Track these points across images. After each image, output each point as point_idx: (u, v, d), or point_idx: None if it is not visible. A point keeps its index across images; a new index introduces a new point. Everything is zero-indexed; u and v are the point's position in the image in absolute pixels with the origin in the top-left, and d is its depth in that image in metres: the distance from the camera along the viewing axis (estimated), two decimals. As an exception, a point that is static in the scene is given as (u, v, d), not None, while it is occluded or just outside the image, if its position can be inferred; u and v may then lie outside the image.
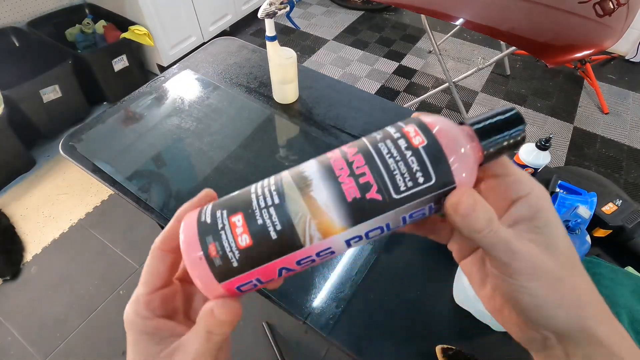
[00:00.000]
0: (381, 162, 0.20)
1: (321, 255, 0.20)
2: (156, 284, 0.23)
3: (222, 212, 0.20)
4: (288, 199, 0.20)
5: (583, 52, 1.16)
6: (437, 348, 0.56)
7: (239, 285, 0.20)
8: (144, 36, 1.94)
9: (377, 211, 0.19)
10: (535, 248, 0.19)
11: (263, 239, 0.19)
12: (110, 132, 0.89)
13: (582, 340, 0.19)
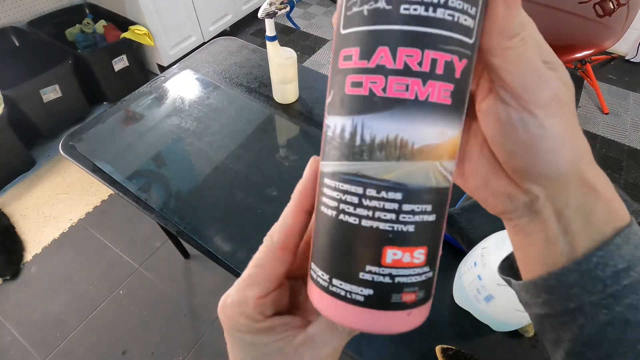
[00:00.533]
0: None
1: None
2: (270, 287, 0.19)
3: (367, 268, 0.16)
4: (407, 179, 0.16)
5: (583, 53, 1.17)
6: (437, 348, 0.56)
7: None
8: (144, 36, 1.94)
9: (469, 76, 0.16)
10: (556, 77, 0.16)
11: (430, 231, 0.17)
12: (110, 132, 0.89)
13: (577, 190, 0.18)
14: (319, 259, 0.17)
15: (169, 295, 1.39)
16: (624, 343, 0.18)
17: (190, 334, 1.30)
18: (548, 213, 0.19)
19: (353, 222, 0.15)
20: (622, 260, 0.18)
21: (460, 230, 0.64)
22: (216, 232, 0.70)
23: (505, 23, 0.15)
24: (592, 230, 0.18)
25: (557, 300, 0.19)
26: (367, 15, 0.14)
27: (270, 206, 0.74)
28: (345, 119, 0.15)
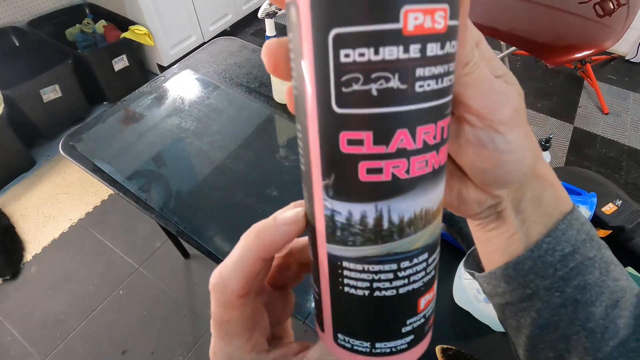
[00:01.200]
0: None
1: None
2: (251, 328, 0.18)
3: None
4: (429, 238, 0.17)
5: (583, 53, 1.17)
6: (437, 348, 0.56)
7: None
8: (144, 36, 1.94)
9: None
10: (510, 88, 0.17)
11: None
12: (110, 131, 0.89)
13: (531, 183, 0.20)
14: (352, 332, 0.17)
15: (169, 295, 1.39)
16: (575, 322, 0.20)
17: (190, 333, 1.30)
18: (509, 209, 0.20)
19: (391, 295, 0.15)
20: (568, 244, 0.20)
21: (460, 230, 0.64)
22: (216, 232, 0.70)
23: (458, 54, 0.15)
24: (543, 215, 0.20)
25: (515, 288, 0.21)
26: (377, 96, 0.13)
27: (270, 206, 0.74)
28: (366, 206, 0.14)
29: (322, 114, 0.14)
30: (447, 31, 0.13)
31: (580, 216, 0.21)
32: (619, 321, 0.20)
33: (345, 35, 0.12)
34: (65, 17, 1.99)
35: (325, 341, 0.18)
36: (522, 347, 0.22)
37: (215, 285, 0.17)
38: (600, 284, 0.20)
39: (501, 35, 1.22)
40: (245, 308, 0.17)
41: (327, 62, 0.13)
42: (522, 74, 2.31)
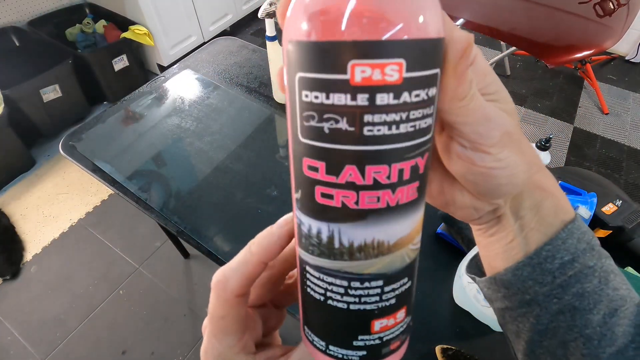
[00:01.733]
0: None
1: None
2: (243, 329, 0.19)
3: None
4: (390, 269, 0.18)
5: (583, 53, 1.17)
6: (437, 348, 0.56)
7: None
8: (144, 36, 1.94)
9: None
10: (501, 113, 0.18)
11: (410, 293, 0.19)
12: (111, 131, 0.89)
13: (530, 193, 0.20)
14: (313, 327, 0.18)
15: (169, 295, 1.39)
16: (573, 329, 0.20)
17: (190, 333, 1.30)
18: (508, 215, 0.21)
19: (342, 307, 0.17)
20: (567, 252, 0.20)
21: (460, 230, 0.64)
22: (216, 232, 0.70)
23: (457, 91, 0.16)
24: (543, 224, 0.20)
25: (514, 293, 0.21)
26: (328, 134, 0.14)
27: (270, 206, 0.74)
28: (320, 224, 0.16)
29: (293, 140, 0.16)
30: (403, 83, 0.13)
31: (582, 225, 0.21)
32: (617, 329, 0.20)
33: (306, 79, 0.14)
34: (65, 17, 1.99)
35: (301, 330, 0.20)
36: (521, 352, 0.23)
37: (217, 283, 0.18)
38: (599, 292, 0.20)
39: (501, 36, 1.22)
40: (241, 308, 0.19)
41: (295, 99, 0.15)
42: (522, 74, 2.31)
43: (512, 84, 2.25)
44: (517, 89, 2.22)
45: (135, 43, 1.99)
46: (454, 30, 0.16)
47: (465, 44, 0.16)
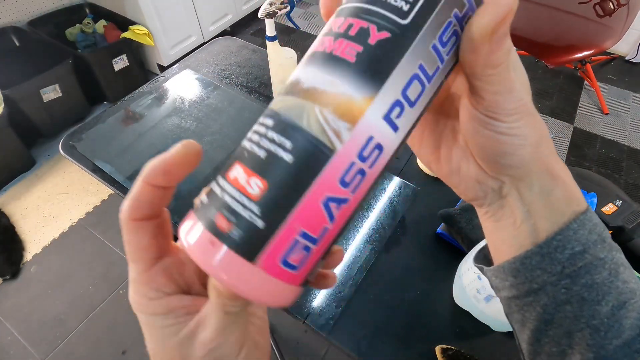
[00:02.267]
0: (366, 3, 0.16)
1: (367, 157, 0.15)
2: (148, 258, 0.19)
3: (218, 179, 0.16)
4: (284, 110, 0.15)
5: (583, 53, 1.17)
6: (436, 348, 0.56)
7: (285, 255, 0.15)
8: (144, 36, 1.94)
9: (396, 52, 0.15)
10: (521, 86, 0.18)
11: (278, 170, 0.14)
12: (111, 131, 0.89)
13: (539, 177, 0.20)
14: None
15: (169, 295, 1.39)
16: (580, 319, 0.20)
17: (190, 333, 1.30)
18: (514, 197, 0.21)
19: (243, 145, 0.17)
20: (578, 243, 0.20)
21: (460, 230, 0.64)
22: (216, 232, 0.70)
23: (490, 58, 0.16)
24: (553, 211, 0.20)
25: (522, 282, 0.21)
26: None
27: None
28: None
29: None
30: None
31: (594, 217, 0.20)
32: (625, 322, 0.20)
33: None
34: (65, 17, 1.99)
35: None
36: (525, 342, 0.23)
37: (120, 210, 0.18)
38: (609, 284, 0.20)
39: (501, 36, 1.22)
40: (140, 235, 0.18)
41: None
42: (522, 74, 2.31)
43: (512, 84, 2.25)
44: (517, 89, 2.22)
45: (135, 43, 1.99)
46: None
47: (508, 9, 0.15)
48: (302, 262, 0.15)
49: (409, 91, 0.15)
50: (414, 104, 0.16)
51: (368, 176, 0.15)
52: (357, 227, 0.71)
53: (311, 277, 0.17)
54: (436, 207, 0.72)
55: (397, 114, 0.15)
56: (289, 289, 0.16)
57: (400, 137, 0.16)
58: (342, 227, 0.16)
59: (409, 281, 0.64)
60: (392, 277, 0.65)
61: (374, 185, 0.16)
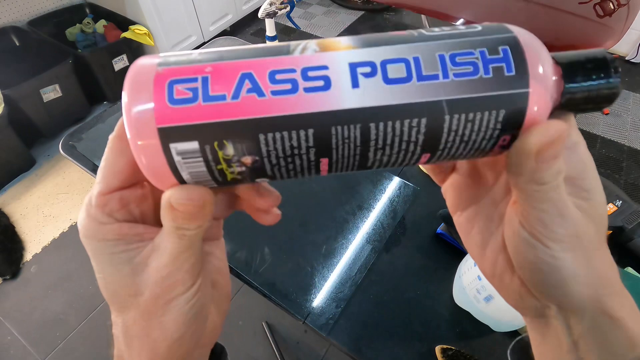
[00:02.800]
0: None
1: (308, 79, 0.14)
2: (113, 183, 0.18)
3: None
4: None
5: (583, 53, 1.16)
6: (436, 348, 0.56)
7: (173, 83, 0.14)
8: (144, 36, 1.94)
9: (399, 40, 0.15)
10: (581, 216, 0.16)
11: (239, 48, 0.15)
12: (111, 131, 0.89)
13: (592, 315, 0.17)
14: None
15: (169, 295, 1.39)
16: None
17: (190, 333, 1.30)
18: (560, 325, 0.18)
19: None
20: None
21: (460, 231, 0.64)
22: (216, 232, 0.70)
23: (535, 175, 0.15)
24: (609, 354, 0.17)
25: None
26: None
27: (270, 206, 0.73)
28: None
29: None
30: None
31: None
32: None
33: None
34: (65, 16, 1.99)
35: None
36: None
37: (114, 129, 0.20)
38: None
39: (501, 36, 1.22)
40: (119, 157, 0.19)
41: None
42: (522, 74, 2.32)
43: (512, 84, 2.25)
44: (517, 89, 2.22)
45: (135, 43, 1.99)
46: (549, 121, 0.15)
47: (556, 136, 0.14)
48: (181, 102, 0.14)
49: (390, 66, 0.14)
50: (387, 75, 0.14)
51: (298, 91, 0.14)
52: (357, 227, 0.71)
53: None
54: (436, 207, 0.72)
55: (364, 70, 0.14)
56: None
57: (357, 101, 0.14)
58: (232, 116, 0.14)
59: (409, 281, 0.64)
60: (392, 277, 0.65)
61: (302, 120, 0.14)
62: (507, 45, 0.15)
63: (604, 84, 0.15)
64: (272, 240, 0.69)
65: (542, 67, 0.15)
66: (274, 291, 0.63)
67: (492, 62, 0.14)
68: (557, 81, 0.15)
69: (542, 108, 0.15)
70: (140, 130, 0.14)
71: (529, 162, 0.15)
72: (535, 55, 0.15)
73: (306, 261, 0.67)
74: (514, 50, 0.15)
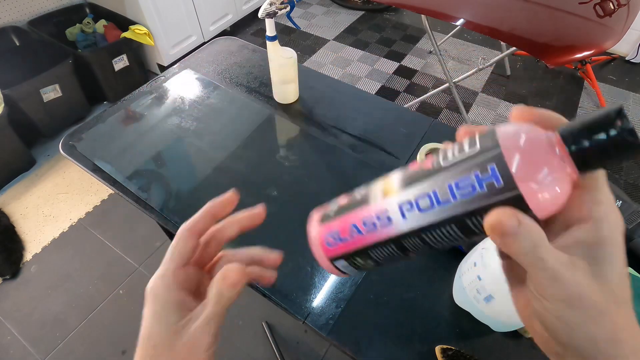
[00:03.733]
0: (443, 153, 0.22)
1: (380, 219, 0.23)
2: (182, 262, 0.27)
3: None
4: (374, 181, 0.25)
5: (583, 53, 1.17)
6: (436, 348, 0.56)
7: (327, 236, 0.25)
8: (144, 35, 1.94)
9: (424, 176, 0.21)
10: (585, 278, 0.18)
11: (352, 199, 0.25)
12: (111, 131, 0.89)
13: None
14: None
15: (169, 295, 1.39)
16: None
17: (190, 333, 1.30)
18: None
19: None
20: None
21: (460, 231, 0.64)
22: (216, 232, 0.70)
23: (506, 249, 0.18)
24: None
25: None
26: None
27: (270, 206, 0.73)
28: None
29: None
30: None
31: None
32: None
33: None
34: (65, 16, 1.99)
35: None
36: None
37: (182, 225, 0.28)
38: None
39: (501, 36, 1.22)
40: (187, 244, 0.27)
41: None
42: (522, 75, 2.31)
43: (513, 85, 2.25)
44: (517, 89, 2.22)
45: (135, 43, 1.99)
46: (497, 209, 0.18)
47: (493, 221, 0.18)
48: (334, 248, 0.25)
49: (421, 202, 0.21)
50: (421, 210, 0.21)
51: (377, 230, 0.23)
52: (357, 227, 0.71)
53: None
54: (436, 207, 0.72)
55: (407, 209, 0.22)
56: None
57: (408, 225, 0.22)
58: (355, 246, 0.25)
59: (409, 281, 0.64)
60: (392, 277, 0.65)
61: (384, 244, 0.24)
62: (493, 163, 0.19)
63: (611, 136, 0.17)
64: (272, 240, 0.69)
65: (528, 167, 0.18)
66: (274, 291, 0.63)
67: (485, 180, 0.19)
68: (562, 154, 0.18)
69: (543, 196, 0.18)
70: (321, 260, 0.26)
71: (494, 237, 0.18)
72: (520, 160, 0.18)
73: (306, 261, 0.67)
74: (499, 166, 0.18)
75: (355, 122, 0.91)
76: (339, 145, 0.86)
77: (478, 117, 2.06)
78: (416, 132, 0.89)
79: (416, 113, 0.93)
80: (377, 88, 2.24)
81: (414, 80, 2.30)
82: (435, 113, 2.09)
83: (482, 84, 2.25)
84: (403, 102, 2.15)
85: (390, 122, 0.91)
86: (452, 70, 2.33)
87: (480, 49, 2.50)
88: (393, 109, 0.96)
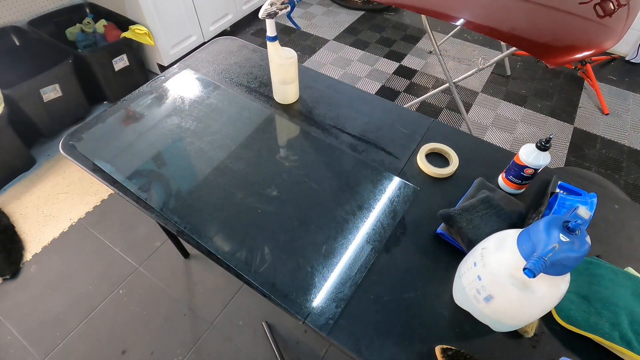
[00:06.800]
0: None
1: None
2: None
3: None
4: None
5: (583, 53, 1.17)
6: (436, 348, 0.56)
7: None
8: (144, 35, 1.94)
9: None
10: None
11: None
12: (111, 131, 0.89)
13: None
14: None
15: (169, 295, 1.39)
16: None
17: (189, 333, 1.30)
18: None
19: None
20: None
21: (460, 230, 0.64)
22: (216, 232, 0.70)
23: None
24: None
25: None
26: None
27: (270, 206, 0.74)
28: None
29: None
30: None
31: None
32: None
33: None
34: (65, 16, 1.99)
35: None
36: None
37: None
38: None
39: (501, 36, 1.22)
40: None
41: None
42: (522, 75, 2.31)
43: (513, 85, 2.25)
44: (517, 89, 2.22)
45: (135, 43, 1.99)
46: None
47: None
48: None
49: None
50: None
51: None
52: (357, 227, 0.71)
53: None
54: (436, 207, 0.72)
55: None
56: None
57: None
58: None
59: (409, 281, 0.64)
60: (392, 277, 0.65)
61: None
62: None
63: None
64: (272, 240, 0.69)
65: None
66: (274, 291, 0.63)
67: None
68: None
69: None
70: None
71: None
72: None
73: (306, 261, 0.67)
74: None
75: (355, 122, 0.91)
76: (339, 145, 0.86)
77: (478, 117, 2.06)
78: (416, 132, 0.89)
79: (416, 113, 0.93)
80: (377, 88, 2.25)
81: (414, 80, 2.30)
82: (435, 113, 2.09)
83: (482, 84, 2.26)
84: (403, 102, 2.15)
85: (390, 122, 0.91)
86: (452, 70, 2.33)
87: (480, 49, 2.50)
88: (393, 109, 0.96)
